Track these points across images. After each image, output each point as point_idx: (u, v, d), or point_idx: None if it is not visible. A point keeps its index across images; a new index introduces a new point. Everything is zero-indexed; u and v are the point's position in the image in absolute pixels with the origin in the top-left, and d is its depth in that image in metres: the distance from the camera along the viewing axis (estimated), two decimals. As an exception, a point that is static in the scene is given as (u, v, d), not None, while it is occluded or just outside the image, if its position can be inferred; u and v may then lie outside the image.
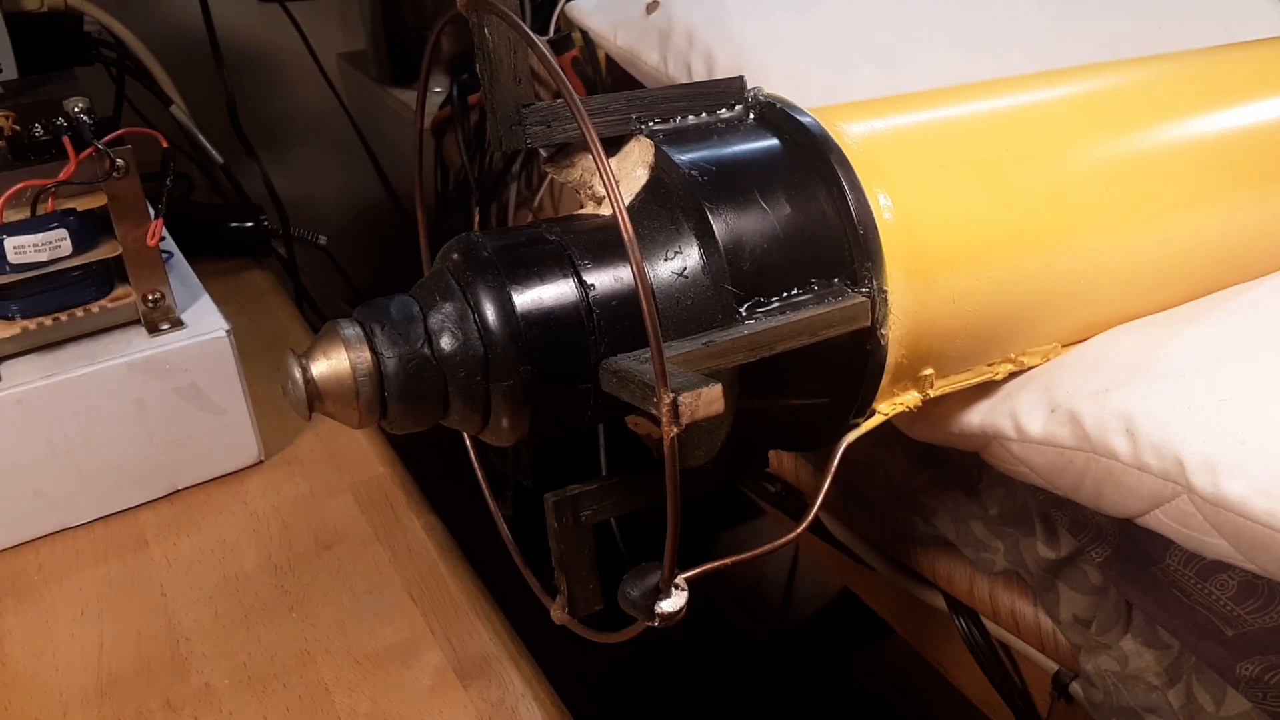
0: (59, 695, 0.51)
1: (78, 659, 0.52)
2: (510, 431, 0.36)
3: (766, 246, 0.36)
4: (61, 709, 0.50)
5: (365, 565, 0.59)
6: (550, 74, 0.30)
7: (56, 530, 0.60)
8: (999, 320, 0.42)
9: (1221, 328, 0.43)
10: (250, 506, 0.63)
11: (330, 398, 0.34)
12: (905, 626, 0.67)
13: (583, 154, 0.40)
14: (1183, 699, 0.46)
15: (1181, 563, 0.43)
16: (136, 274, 0.60)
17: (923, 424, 0.48)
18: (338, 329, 0.34)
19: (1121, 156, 0.45)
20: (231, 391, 0.63)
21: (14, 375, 0.57)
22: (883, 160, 0.39)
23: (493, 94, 0.37)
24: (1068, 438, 0.41)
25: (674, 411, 0.28)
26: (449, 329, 0.34)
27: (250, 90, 1.17)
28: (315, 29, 1.13)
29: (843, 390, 0.39)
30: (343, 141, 1.16)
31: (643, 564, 0.33)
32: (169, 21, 1.09)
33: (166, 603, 0.56)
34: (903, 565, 0.60)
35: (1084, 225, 0.43)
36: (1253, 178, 0.47)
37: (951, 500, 0.55)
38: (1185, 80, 0.50)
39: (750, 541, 0.36)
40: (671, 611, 0.32)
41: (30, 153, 0.56)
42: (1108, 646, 0.48)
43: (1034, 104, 0.46)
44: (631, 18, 0.71)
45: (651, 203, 0.37)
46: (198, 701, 0.50)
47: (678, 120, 0.39)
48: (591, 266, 0.36)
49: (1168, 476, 0.38)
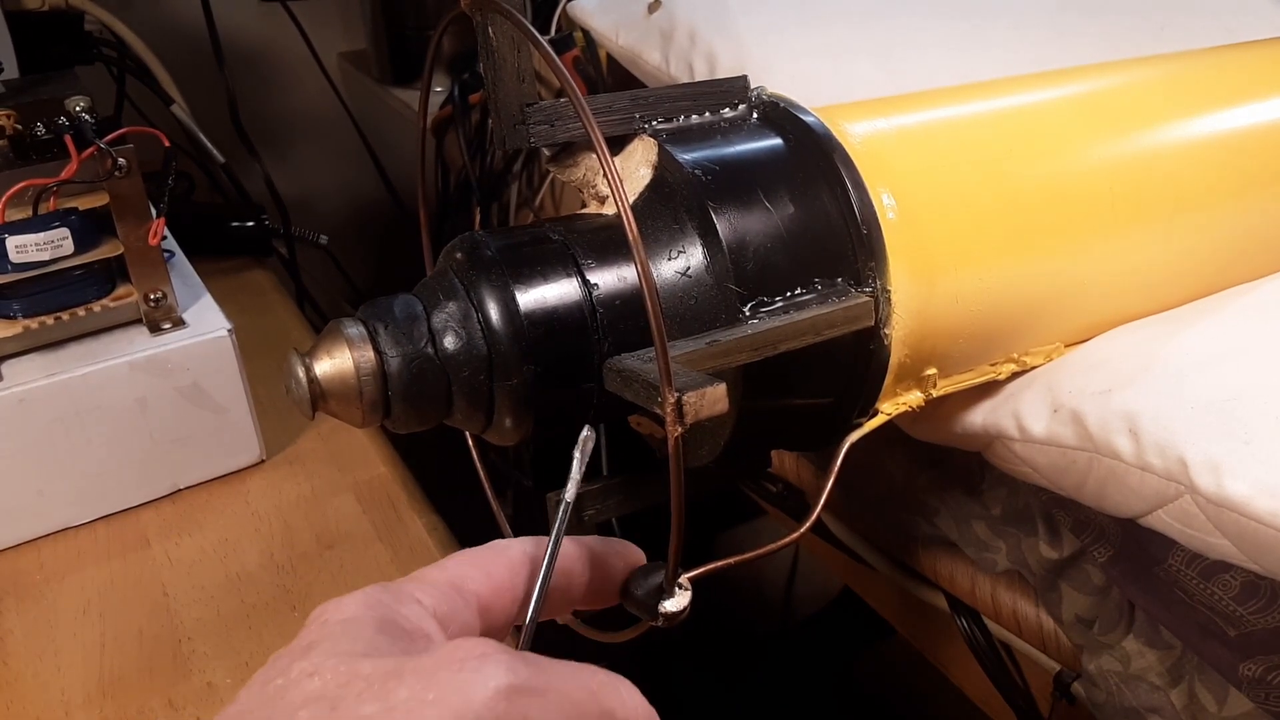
0: (61, 694, 0.50)
1: (79, 658, 0.52)
2: (513, 431, 0.36)
3: (770, 246, 0.36)
4: (63, 708, 0.50)
5: (367, 565, 0.59)
6: (555, 73, 0.30)
7: (58, 529, 0.60)
8: (1002, 320, 0.42)
9: (1225, 328, 0.43)
10: (252, 506, 0.63)
11: (334, 397, 0.34)
12: (906, 626, 0.67)
13: (586, 153, 0.40)
14: (1185, 699, 0.46)
15: (1184, 563, 0.43)
16: (138, 273, 0.60)
17: (925, 424, 0.48)
18: (341, 328, 0.34)
19: (1124, 156, 0.45)
20: (233, 391, 0.63)
21: (15, 374, 0.57)
22: (886, 160, 0.39)
23: (496, 93, 0.37)
24: (1070, 438, 0.41)
25: (678, 411, 0.28)
26: (452, 328, 0.34)
27: (251, 89, 1.17)
28: (316, 28, 1.13)
29: (845, 390, 0.39)
30: (344, 141, 1.16)
31: (646, 564, 0.33)
32: (170, 21, 1.09)
33: (168, 602, 0.56)
34: (904, 565, 0.60)
35: (1087, 225, 0.43)
36: (1256, 177, 0.47)
37: (954, 500, 0.55)
38: (1188, 80, 0.50)
39: (751, 541, 0.36)
40: (675, 611, 0.32)
41: (32, 152, 0.56)
42: (1110, 647, 0.48)
43: (1037, 104, 0.46)
44: (633, 17, 0.71)
45: (655, 202, 0.37)
46: (200, 701, 0.50)
47: (681, 120, 0.39)
48: (595, 266, 0.36)
49: (1171, 476, 0.38)
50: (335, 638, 0.25)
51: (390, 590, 0.27)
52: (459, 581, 0.29)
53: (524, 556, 0.30)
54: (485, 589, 0.29)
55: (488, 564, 0.30)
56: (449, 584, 0.28)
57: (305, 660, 0.24)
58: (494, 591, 0.29)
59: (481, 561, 0.30)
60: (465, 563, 0.29)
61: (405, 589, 0.27)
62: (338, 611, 0.26)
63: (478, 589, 0.29)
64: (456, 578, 0.29)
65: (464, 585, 0.29)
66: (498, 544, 0.31)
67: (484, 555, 0.30)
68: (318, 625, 0.26)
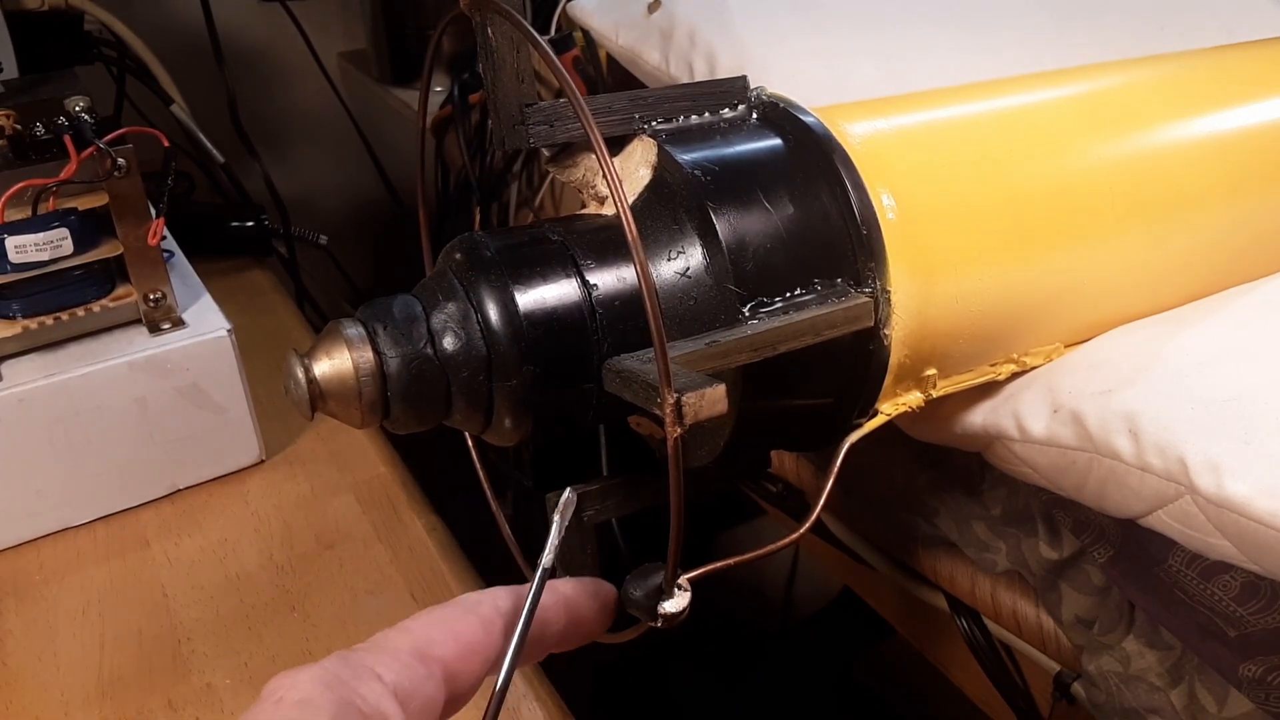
0: (60, 695, 0.50)
1: (79, 659, 0.52)
2: (513, 432, 0.36)
3: (770, 246, 0.36)
4: (63, 709, 0.50)
5: (367, 565, 0.59)
6: (554, 73, 0.30)
7: (57, 530, 0.60)
8: (1002, 320, 0.42)
9: (1225, 328, 0.43)
10: (251, 506, 0.63)
11: (333, 397, 0.34)
12: (906, 627, 0.67)
13: (586, 153, 0.40)
14: (1185, 700, 0.46)
15: (1184, 563, 0.43)
16: (138, 273, 0.60)
17: (925, 424, 0.48)
18: (340, 329, 0.34)
19: (1125, 156, 0.45)
20: (233, 391, 0.63)
21: (15, 374, 0.57)
22: (886, 160, 0.39)
23: (496, 94, 0.37)
24: (1070, 438, 0.41)
25: (678, 412, 0.28)
26: (452, 329, 0.34)
27: (251, 89, 1.17)
28: (316, 28, 1.13)
29: (845, 390, 0.39)
30: (344, 141, 1.16)
31: (645, 564, 0.33)
32: (170, 20, 1.09)
33: (168, 602, 0.56)
34: (904, 565, 0.60)
35: (1087, 225, 0.43)
36: (1256, 177, 0.47)
37: (953, 500, 0.55)
38: (1188, 80, 0.50)
39: (751, 542, 0.36)
40: (675, 612, 0.32)
41: (31, 152, 0.56)
42: (1110, 647, 0.48)
43: (1037, 104, 0.46)
44: (633, 17, 0.71)
45: (654, 202, 0.37)
46: (199, 701, 0.50)
47: (680, 120, 0.39)
48: (594, 266, 0.36)
49: (1171, 477, 0.38)
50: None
51: (350, 665, 0.26)
52: (424, 647, 0.27)
53: (495, 613, 0.29)
54: (452, 654, 0.28)
55: (455, 625, 0.28)
56: (412, 653, 0.27)
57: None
58: (461, 656, 0.28)
59: (449, 622, 0.29)
60: (432, 624, 0.28)
61: (365, 664, 0.26)
62: (293, 691, 0.25)
63: (444, 655, 0.28)
64: (423, 643, 0.28)
65: (429, 651, 0.27)
66: (467, 599, 0.30)
67: (452, 615, 0.29)
68: (271, 704, 0.25)
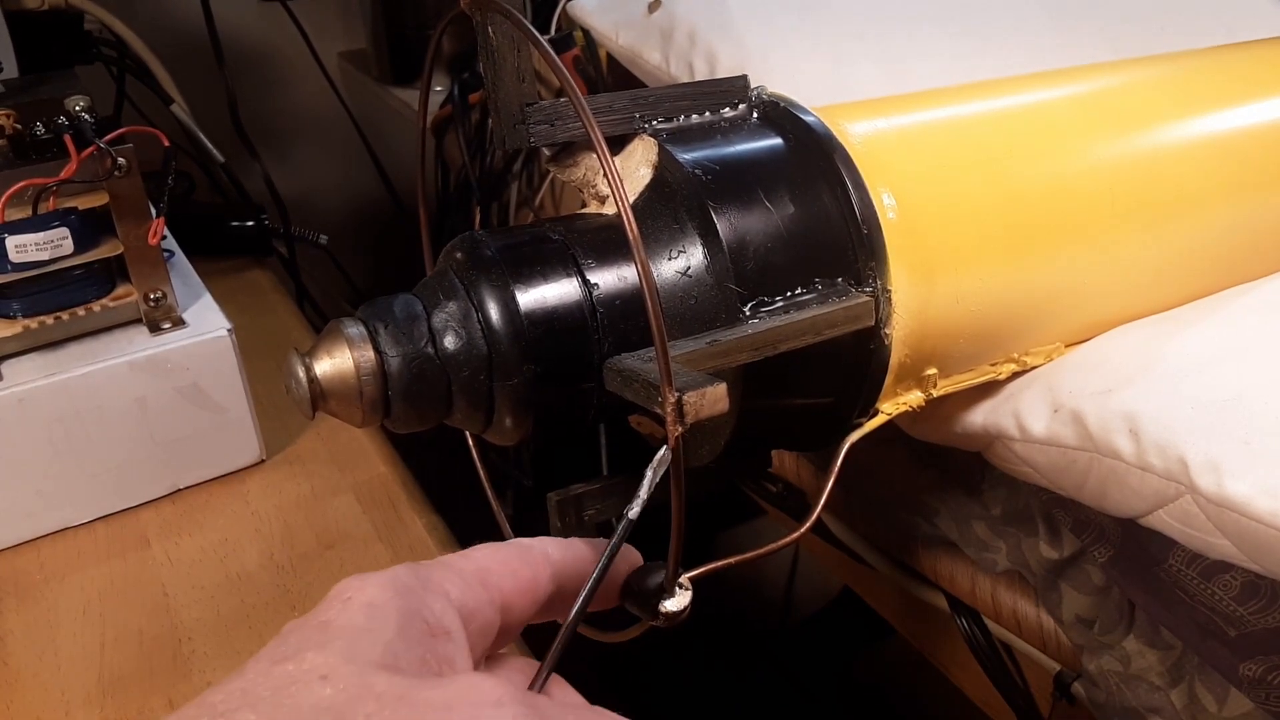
0: (61, 694, 0.50)
1: (80, 658, 0.52)
2: (514, 431, 0.36)
3: (770, 246, 0.36)
4: (64, 708, 0.50)
5: (367, 565, 0.58)
6: (555, 73, 0.30)
7: (58, 529, 0.60)
8: (1002, 320, 0.42)
9: (1225, 328, 0.43)
10: (252, 506, 0.63)
11: (334, 397, 0.34)
12: (907, 627, 0.67)
13: (586, 153, 0.40)
14: (1185, 699, 0.46)
15: (1184, 563, 0.43)
16: (138, 273, 0.60)
17: (926, 424, 0.48)
18: (341, 328, 0.34)
19: (1125, 156, 0.45)
20: (233, 390, 0.63)
21: (15, 374, 0.57)
22: (886, 159, 0.39)
23: (496, 93, 0.37)
24: (1071, 438, 0.41)
25: (679, 411, 0.28)
26: (452, 328, 0.34)
27: (251, 89, 1.17)
28: (316, 28, 1.13)
29: (846, 390, 0.39)
30: (344, 141, 1.16)
31: (646, 563, 0.33)
32: (170, 20, 1.09)
33: (168, 602, 0.56)
34: (904, 565, 0.60)
35: (1087, 225, 0.43)
36: (1257, 177, 0.47)
37: (954, 500, 0.55)
38: (1188, 80, 0.50)
39: (751, 541, 0.36)
40: (676, 611, 0.32)
41: (31, 151, 0.56)
42: (1110, 647, 0.48)
43: (1037, 104, 0.46)
44: (633, 17, 0.71)
45: (655, 202, 0.37)
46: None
47: (681, 119, 0.39)
48: (595, 266, 0.36)
49: (1171, 477, 0.38)
50: (354, 635, 0.24)
51: (419, 577, 0.26)
52: (485, 575, 0.28)
53: (545, 559, 0.30)
54: (509, 586, 0.29)
55: (513, 562, 0.29)
56: (475, 575, 0.28)
57: (319, 653, 0.23)
58: (517, 591, 0.29)
59: (507, 558, 0.29)
60: (492, 557, 0.29)
61: (434, 577, 0.27)
62: (361, 592, 0.25)
63: (502, 585, 0.28)
64: (483, 570, 0.28)
65: (489, 579, 0.28)
66: (521, 542, 0.30)
67: (510, 552, 0.30)
68: (339, 603, 0.25)
